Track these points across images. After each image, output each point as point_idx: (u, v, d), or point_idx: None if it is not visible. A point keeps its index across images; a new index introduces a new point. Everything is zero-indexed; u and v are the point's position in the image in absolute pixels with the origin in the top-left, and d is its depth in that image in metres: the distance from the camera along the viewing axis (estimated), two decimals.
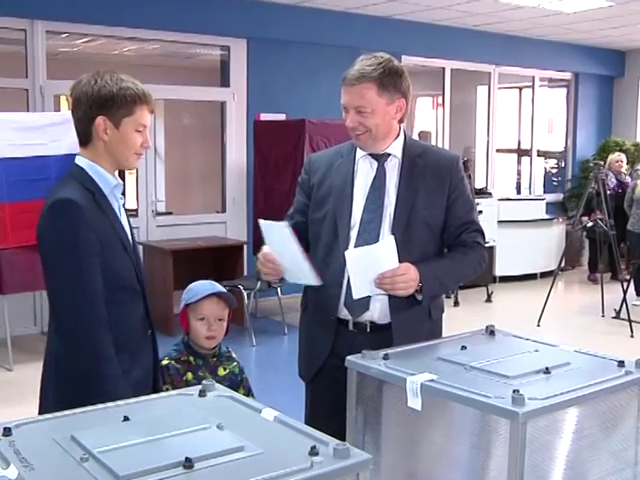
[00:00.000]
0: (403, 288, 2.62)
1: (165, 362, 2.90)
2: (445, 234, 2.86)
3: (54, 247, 2.32)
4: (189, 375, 2.90)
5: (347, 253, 2.63)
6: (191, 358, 2.95)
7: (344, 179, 2.82)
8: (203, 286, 3.00)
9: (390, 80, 2.69)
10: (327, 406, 2.70)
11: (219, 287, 3.02)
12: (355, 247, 2.74)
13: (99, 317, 2.31)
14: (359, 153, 2.84)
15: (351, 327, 2.79)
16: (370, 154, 2.82)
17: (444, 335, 2.88)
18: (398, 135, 2.83)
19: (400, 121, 2.83)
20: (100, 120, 2.39)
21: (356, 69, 2.68)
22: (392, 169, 2.81)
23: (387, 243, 2.61)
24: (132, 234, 2.57)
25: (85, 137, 2.44)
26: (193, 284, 3.04)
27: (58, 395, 2.37)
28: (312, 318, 2.91)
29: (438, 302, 2.92)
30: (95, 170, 2.42)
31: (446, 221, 2.83)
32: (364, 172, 2.83)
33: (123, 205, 2.57)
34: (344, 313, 2.79)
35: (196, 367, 2.94)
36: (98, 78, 2.40)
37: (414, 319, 2.78)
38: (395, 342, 2.69)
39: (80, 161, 2.45)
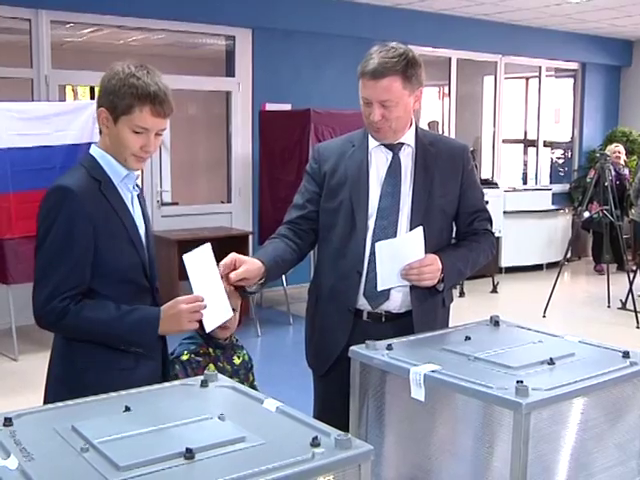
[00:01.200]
0: (430, 279, 2.65)
1: (185, 357, 2.90)
2: (457, 222, 2.89)
3: (43, 233, 2.29)
4: (212, 367, 2.90)
5: (378, 245, 2.61)
6: (210, 350, 2.95)
7: (358, 168, 2.80)
8: None
9: (413, 72, 2.66)
10: (337, 398, 2.68)
11: None
12: (373, 236, 2.73)
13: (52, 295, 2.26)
14: (372, 143, 2.82)
15: (365, 317, 2.78)
16: (383, 144, 2.80)
17: (449, 325, 2.88)
18: (411, 124, 2.82)
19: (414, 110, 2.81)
20: (101, 112, 2.35)
21: (378, 62, 2.61)
22: (406, 158, 2.80)
23: (416, 234, 2.62)
24: (147, 228, 2.50)
25: (100, 125, 2.41)
26: None
27: (61, 382, 2.38)
28: (326, 309, 2.86)
29: (450, 290, 2.94)
30: (106, 160, 2.38)
31: (458, 209, 2.86)
32: (379, 161, 2.81)
33: (139, 196, 2.50)
34: (361, 303, 2.77)
35: (216, 358, 2.96)
36: (120, 67, 2.33)
37: (431, 307, 2.80)
38: (416, 330, 2.70)
39: (93, 150, 2.41)
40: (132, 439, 1.69)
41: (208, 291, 2.40)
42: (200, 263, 2.41)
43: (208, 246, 2.41)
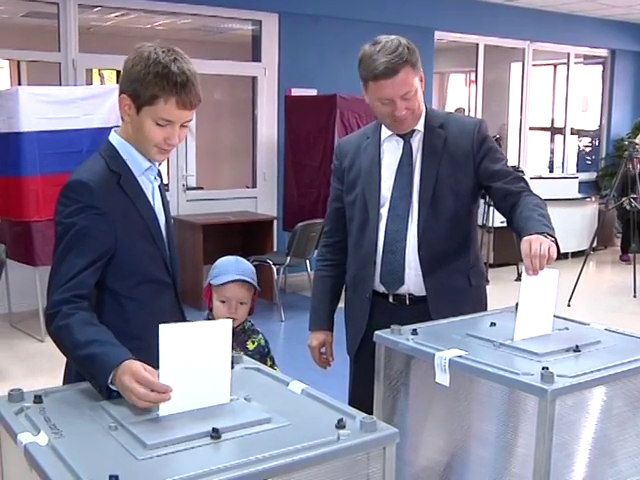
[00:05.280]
0: (550, 252, 2.35)
1: None
2: (490, 194, 2.82)
3: (62, 231, 2.12)
4: None
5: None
6: None
7: (371, 160, 2.85)
8: (229, 265, 2.95)
9: (415, 57, 2.68)
10: (369, 379, 2.70)
11: (245, 267, 2.97)
12: (387, 225, 2.78)
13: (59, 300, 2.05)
14: (384, 133, 2.85)
15: (391, 300, 2.83)
16: (396, 132, 2.82)
17: (487, 305, 2.90)
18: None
19: None
20: (123, 98, 2.16)
21: (387, 60, 2.61)
22: (417, 144, 2.82)
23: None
24: (168, 220, 2.35)
25: (121, 112, 2.24)
26: (220, 261, 2.99)
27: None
28: (350, 296, 2.99)
29: (477, 268, 2.92)
30: (126, 149, 2.22)
31: (482, 182, 2.79)
32: (391, 151, 2.84)
33: (160, 186, 2.33)
34: (383, 289, 2.83)
35: None
36: (146, 51, 2.12)
37: (452, 288, 2.79)
38: (432, 312, 2.71)
39: (113, 138, 2.25)
40: (159, 418, 1.71)
41: (193, 372, 1.80)
42: (200, 339, 1.81)
43: (228, 323, 1.86)
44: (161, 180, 2.37)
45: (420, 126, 2.81)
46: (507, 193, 2.74)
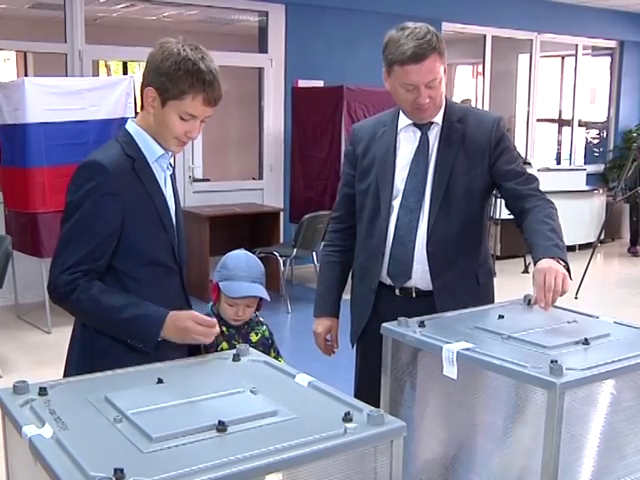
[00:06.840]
0: (565, 285, 2.37)
1: None
2: (502, 194, 2.79)
3: (72, 208, 2.20)
4: (224, 345, 2.89)
5: None
6: (224, 328, 2.93)
7: (386, 149, 2.81)
8: (239, 270, 2.88)
9: (443, 46, 2.64)
10: (374, 369, 2.69)
11: (256, 271, 2.93)
12: (398, 217, 2.75)
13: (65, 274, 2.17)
14: (401, 122, 2.81)
15: (397, 292, 2.81)
16: (414, 123, 2.78)
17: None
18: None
19: None
20: (148, 91, 2.24)
21: (415, 45, 2.56)
22: (435, 136, 2.79)
23: None
24: (177, 208, 2.43)
25: (141, 101, 2.31)
26: (229, 260, 2.92)
27: (81, 356, 2.31)
28: (357, 285, 2.97)
29: (486, 267, 2.90)
30: (142, 137, 2.30)
31: (495, 181, 2.77)
32: (407, 141, 2.81)
33: (172, 176, 2.42)
34: (389, 281, 2.82)
35: (229, 336, 2.93)
36: (175, 47, 2.21)
37: (459, 285, 2.77)
38: (438, 307, 2.69)
39: (130, 126, 2.33)
40: (164, 411, 1.70)
41: None
42: None
43: None
44: (173, 170, 2.45)
45: (439, 119, 2.77)
46: (517, 195, 2.72)
